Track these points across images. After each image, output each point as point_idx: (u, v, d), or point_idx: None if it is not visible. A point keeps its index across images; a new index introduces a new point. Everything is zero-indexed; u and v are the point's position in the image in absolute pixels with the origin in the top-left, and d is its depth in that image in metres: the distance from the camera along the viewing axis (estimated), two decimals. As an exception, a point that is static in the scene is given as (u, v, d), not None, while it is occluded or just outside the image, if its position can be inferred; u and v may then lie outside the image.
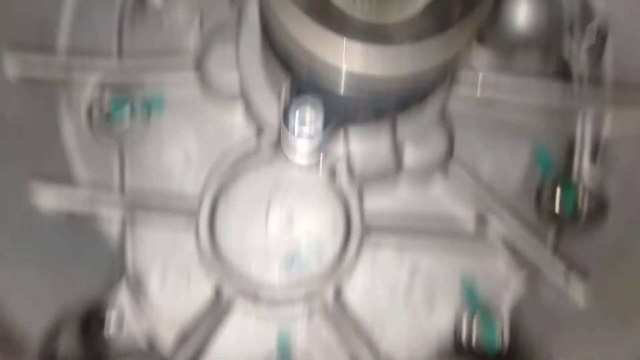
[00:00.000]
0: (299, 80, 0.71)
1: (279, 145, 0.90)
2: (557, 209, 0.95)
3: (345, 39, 0.54)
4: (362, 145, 0.85)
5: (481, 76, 0.93)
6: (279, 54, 0.68)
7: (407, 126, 0.86)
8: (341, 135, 0.85)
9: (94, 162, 0.91)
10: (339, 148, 0.86)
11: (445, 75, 0.80)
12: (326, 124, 0.78)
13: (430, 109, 0.86)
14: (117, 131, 0.92)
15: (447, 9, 0.55)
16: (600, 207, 0.96)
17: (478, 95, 0.93)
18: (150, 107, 0.93)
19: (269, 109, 0.86)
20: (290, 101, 0.77)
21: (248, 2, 0.85)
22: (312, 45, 0.56)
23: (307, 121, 0.78)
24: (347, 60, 0.56)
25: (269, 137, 0.89)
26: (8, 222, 0.78)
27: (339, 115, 0.78)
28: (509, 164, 0.97)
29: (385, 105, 0.77)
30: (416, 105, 0.81)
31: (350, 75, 0.61)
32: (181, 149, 0.92)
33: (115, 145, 0.91)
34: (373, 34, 0.54)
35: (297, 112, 0.78)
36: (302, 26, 0.55)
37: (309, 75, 0.66)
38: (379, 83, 0.63)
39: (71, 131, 0.92)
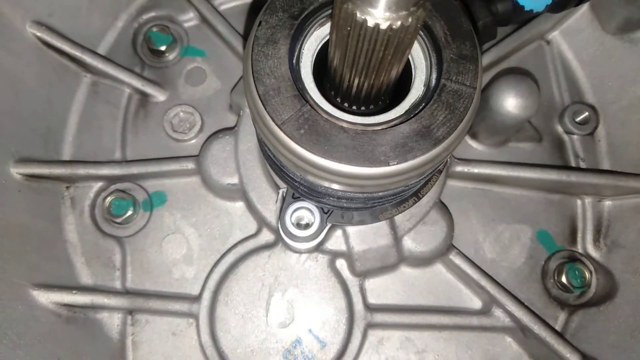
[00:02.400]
0: (295, 185, 0.72)
1: (278, 242, 0.90)
2: (563, 289, 0.93)
3: (334, 162, 0.55)
4: (362, 241, 0.85)
5: (478, 159, 0.95)
6: (273, 165, 0.70)
7: (405, 219, 0.86)
8: (341, 231, 0.85)
9: (95, 262, 0.91)
10: (339, 243, 0.86)
11: (438, 171, 0.81)
12: (324, 224, 0.79)
13: (428, 200, 0.86)
14: (119, 229, 0.93)
15: (430, 130, 0.56)
16: (608, 285, 0.94)
17: (476, 173, 0.94)
18: (152, 204, 0.94)
19: (268, 207, 0.87)
20: (287, 205, 0.79)
21: (246, 106, 0.88)
22: (304, 168, 0.57)
23: (304, 224, 0.79)
24: (337, 180, 0.57)
25: (268, 233, 0.90)
26: (10, 322, 0.77)
27: (337, 215, 0.79)
28: (511, 246, 0.96)
29: (381, 204, 0.78)
30: (412, 199, 0.82)
31: (342, 189, 0.62)
32: (182, 246, 0.93)
33: (117, 243, 0.92)
34: (360, 156, 0.55)
35: (295, 216, 0.79)
36: (292, 150, 0.56)
37: (304, 183, 0.68)
38: (370, 191, 0.64)
39: (74, 231, 0.93)
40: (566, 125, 0.99)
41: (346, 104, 0.63)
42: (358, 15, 0.46)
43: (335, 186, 0.61)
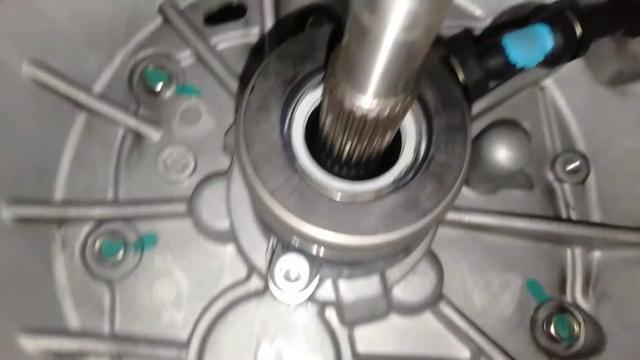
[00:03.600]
0: (285, 241, 0.72)
1: (267, 289, 0.90)
2: (552, 339, 0.93)
3: (322, 231, 0.56)
4: (351, 291, 0.85)
5: (469, 207, 0.95)
6: (264, 222, 0.70)
7: (395, 269, 0.86)
8: (331, 281, 0.85)
9: (84, 304, 0.91)
10: (328, 293, 0.86)
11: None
12: (314, 277, 0.79)
13: (417, 252, 0.87)
14: (109, 271, 0.93)
15: (418, 202, 0.57)
16: (596, 337, 0.94)
17: (467, 222, 0.94)
18: (143, 246, 0.94)
19: (259, 254, 0.87)
20: (277, 256, 0.79)
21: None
22: (291, 230, 0.58)
23: (292, 277, 0.79)
24: (325, 247, 0.58)
25: (258, 280, 0.90)
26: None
27: (327, 269, 0.79)
28: (500, 294, 0.96)
29: (369, 260, 0.78)
30: (402, 253, 0.82)
31: (329, 250, 0.62)
32: (172, 289, 0.92)
33: (106, 285, 0.92)
34: (348, 226, 0.55)
35: (284, 269, 0.79)
36: (281, 217, 0.57)
37: (294, 242, 0.68)
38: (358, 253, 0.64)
39: (64, 273, 0.92)
40: (557, 173, 1.00)
41: (336, 168, 0.64)
42: (347, 102, 0.47)
43: (323, 250, 0.62)
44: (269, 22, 1.01)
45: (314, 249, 0.68)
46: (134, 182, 0.96)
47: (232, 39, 1.03)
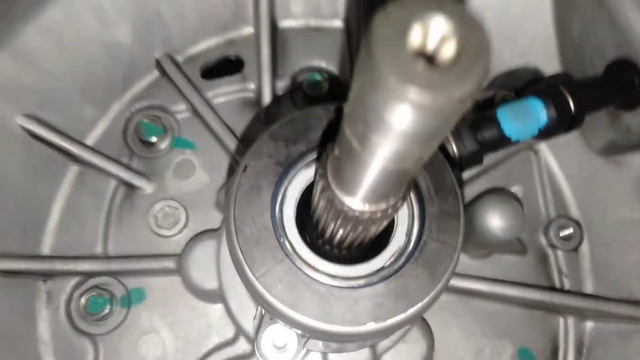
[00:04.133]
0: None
1: (254, 353, 0.88)
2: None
3: (310, 319, 0.55)
4: (340, 358, 0.83)
5: (462, 272, 0.94)
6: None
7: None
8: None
9: (67, 362, 0.89)
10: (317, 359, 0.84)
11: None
12: (301, 348, 0.77)
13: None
14: (94, 327, 0.91)
15: (408, 291, 0.56)
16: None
17: (459, 287, 0.94)
18: (130, 301, 0.92)
19: (247, 317, 0.85)
20: (265, 325, 0.77)
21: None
22: (277, 314, 0.57)
23: (280, 346, 0.77)
24: (310, 330, 0.57)
25: (245, 343, 0.88)
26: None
27: (314, 341, 0.78)
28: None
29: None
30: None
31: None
32: (157, 347, 0.90)
33: (90, 342, 0.90)
34: (336, 314, 0.55)
35: (271, 338, 0.77)
36: (269, 302, 0.56)
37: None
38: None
39: (47, 328, 0.90)
40: (551, 239, 0.99)
41: (327, 247, 0.63)
42: (337, 202, 0.46)
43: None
44: (266, 78, 1.01)
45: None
46: (124, 236, 0.95)
47: (229, 94, 1.03)
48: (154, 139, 0.99)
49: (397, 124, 0.27)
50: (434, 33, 0.25)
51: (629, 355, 0.90)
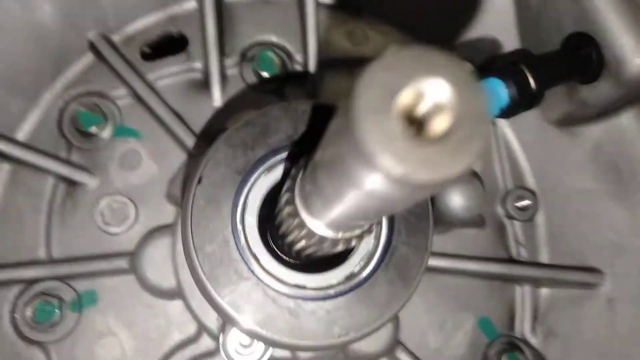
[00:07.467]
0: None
1: (219, 349, 0.86)
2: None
3: (276, 337, 0.53)
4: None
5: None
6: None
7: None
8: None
9: (17, 375, 0.84)
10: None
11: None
12: (268, 347, 0.76)
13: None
14: (44, 335, 0.85)
15: (378, 296, 0.54)
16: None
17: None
18: (81, 305, 0.87)
19: (209, 313, 0.82)
20: (228, 326, 0.75)
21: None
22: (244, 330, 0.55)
23: (246, 345, 0.76)
24: (280, 345, 0.55)
25: (208, 339, 0.86)
26: None
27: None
28: (454, 334, 0.97)
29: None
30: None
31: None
32: (115, 350, 0.86)
33: (42, 351, 0.85)
34: (304, 329, 0.53)
35: (237, 337, 0.75)
36: (234, 319, 0.53)
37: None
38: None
39: (-9, 340, 0.84)
40: (508, 210, 1.01)
41: (293, 256, 0.60)
42: (306, 224, 0.43)
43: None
44: (214, 56, 0.94)
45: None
46: (69, 237, 0.88)
47: (173, 75, 0.95)
48: (93, 129, 0.91)
49: (380, 191, 0.24)
50: (429, 98, 0.21)
51: (581, 318, 0.95)
